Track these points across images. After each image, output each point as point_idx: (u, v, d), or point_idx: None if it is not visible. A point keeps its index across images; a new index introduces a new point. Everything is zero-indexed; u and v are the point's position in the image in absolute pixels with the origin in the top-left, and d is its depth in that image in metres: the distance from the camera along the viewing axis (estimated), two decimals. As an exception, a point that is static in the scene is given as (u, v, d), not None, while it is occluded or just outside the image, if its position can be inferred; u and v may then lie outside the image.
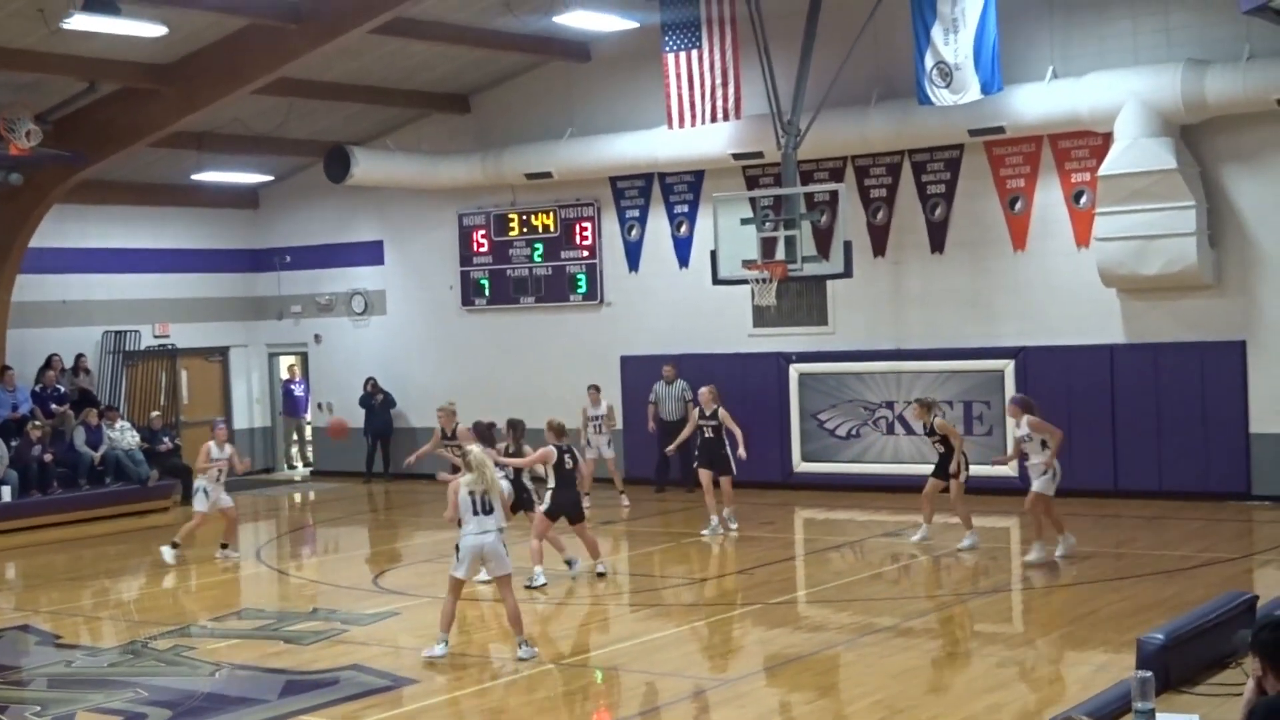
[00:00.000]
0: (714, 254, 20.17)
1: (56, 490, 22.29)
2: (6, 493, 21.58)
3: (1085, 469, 19.84)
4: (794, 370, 22.19)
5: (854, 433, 21.75)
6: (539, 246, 24.66)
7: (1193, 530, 17.46)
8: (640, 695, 11.26)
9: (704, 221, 22.37)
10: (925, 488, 17.09)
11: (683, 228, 23.36)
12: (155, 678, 12.07)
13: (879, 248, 21.65)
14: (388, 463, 25.77)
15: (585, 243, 24.23)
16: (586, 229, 24.22)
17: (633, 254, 23.90)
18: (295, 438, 29.08)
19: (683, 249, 23.35)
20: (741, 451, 18.22)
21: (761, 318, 22.19)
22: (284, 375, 28.78)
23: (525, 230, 24.78)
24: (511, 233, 24.91)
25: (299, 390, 28.29)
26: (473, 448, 12.23)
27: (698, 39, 20.38)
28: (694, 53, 20.43)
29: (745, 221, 19.68)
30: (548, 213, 24.52)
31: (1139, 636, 10.08)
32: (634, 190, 23.82)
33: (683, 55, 20.51)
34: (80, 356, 24.95)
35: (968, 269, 21.07)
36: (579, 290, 24.34)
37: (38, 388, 23.79)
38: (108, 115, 21.35)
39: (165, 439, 24.34)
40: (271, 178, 27.17)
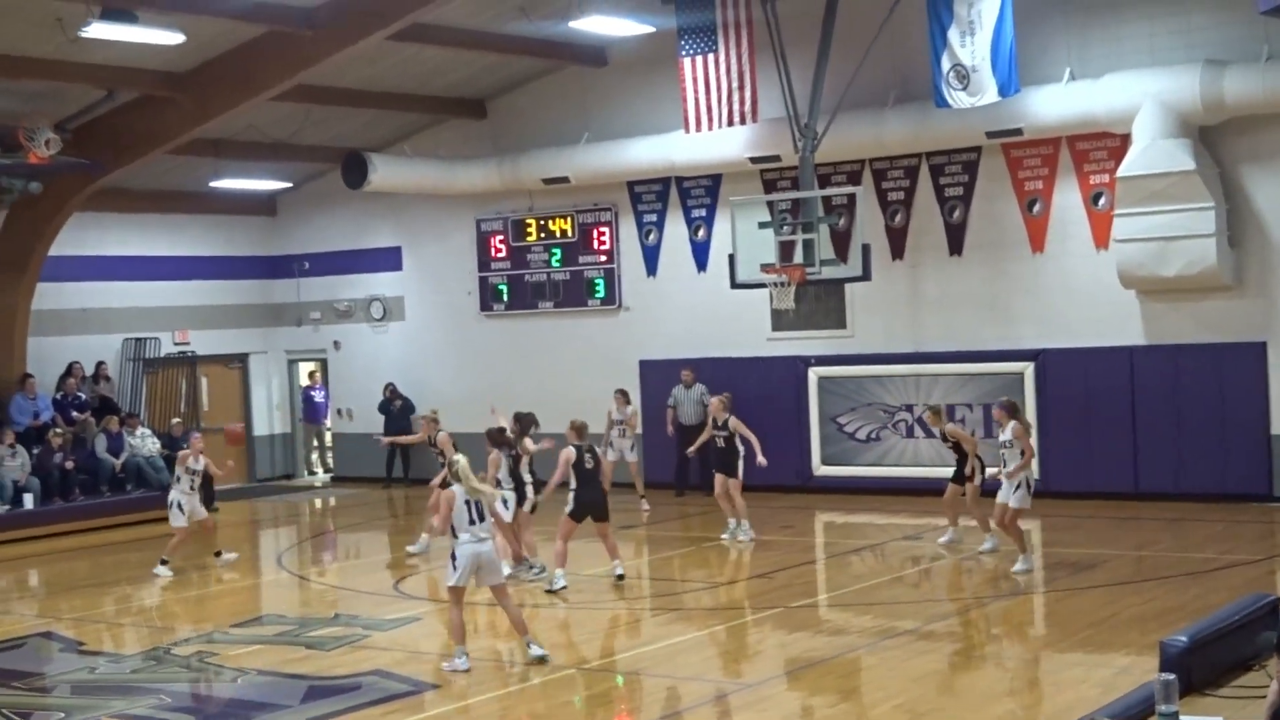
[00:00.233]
0: (732, 258, 20.18)
1: (78, 497, 22.38)
2: (29, 500, 21.66)
3: (1105, 471, 19.84)
4: (813, 373, 22.17)
5: (873, 436, 21.72)
6: (557, 251, 24.68)
7: (1214, 532, 17.40)
8: (661, 700, 11.27)
9: (721, 225, 22.38)
10: (945, 494, 17.14)
11: (700, 232, 23.36)
12: (178, 684, 12.14)
13: (897, 250, 21.63)
14: (408, 468, 25.82)
15: (603, 247, 24.24)
16: (604, 234, 24.23)
17: (650, 258, 23.91)
18: (315, 444, 29.12)
19: (700, 253, 23.35)
20: (760, 459, 17.92)
21: (780, 321, 22.17)
22: (304, 381, 28.82)
23: (543, 235, 24.80)
24: (529, 238, 24.93)
25: (319, 396, 28.31)
26: (458, 457, 12.16)
27: (714, 43, 20.37)
28: (710, 57, 20.43)
29: (763, 225, 19.69)
30: (565, 218, 24.54)
31: (1161, 639, 10.06)
32: (651, 194, 23.82)
33: (699, 59, 20.51)
34: (101, 364, 25.03)
35: (986, 271, 21.04)
36: (597, 295, 24.35)
37: (59, 395, 23.90)
38: (126, 123, 21.41)
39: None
40: (289, 184, 27.23)
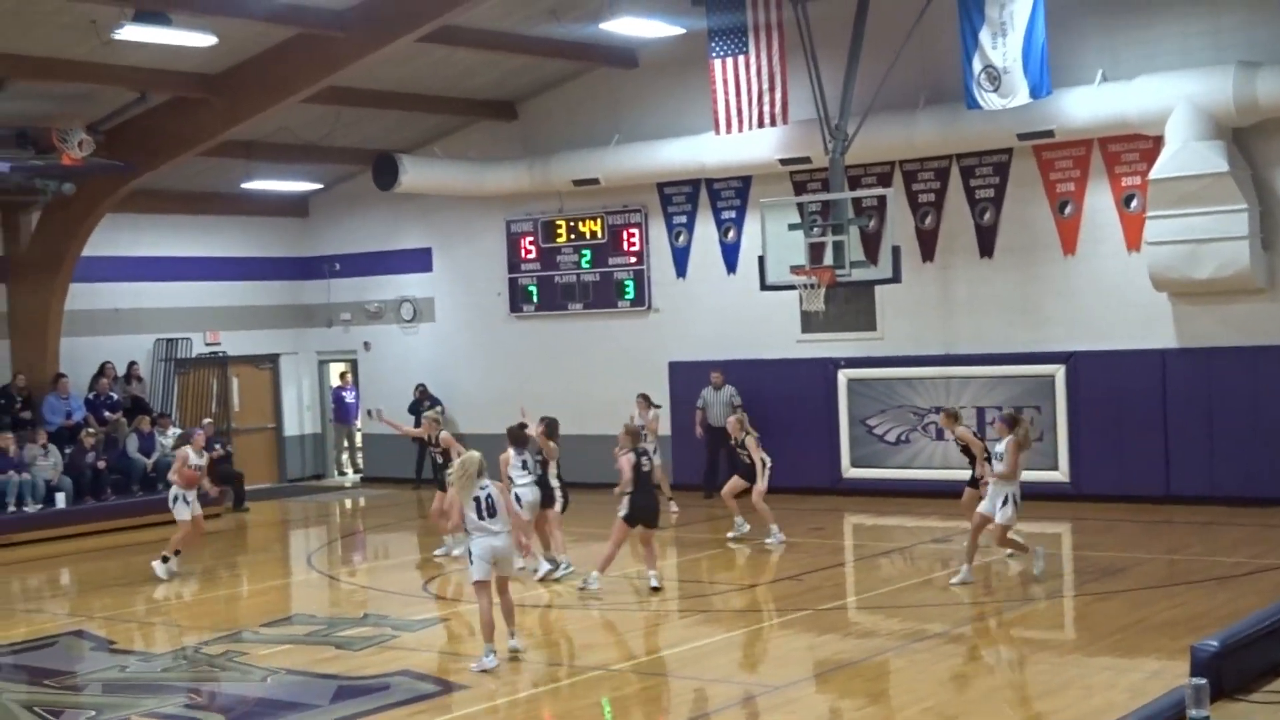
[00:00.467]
0: (762, 259, 20.17)
1: (110, 497, 22.50)
2: (61, 499, 21.79)
3: (1136, 474, 19.75)
4: (842, 376, 22.13)
5: (903, 438, 21.66)
6: (586, 253, 24.70)
7: (1245, 536, 17.30)
8: (689, 701, 11.26)
9: (751, 227, 22.34)
10: (963, 497, 16.85)
11: (730, 233, 23.35)
12: (208, 683, 12.19)
13: (927, 253, 21.58)
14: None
15: (633, 249, 24.25)
16: (634, 235, 24.24)
17: (680, 260, 23.90)
18: (345, 444, 29.20)
19: (730, 255, 23.33)
20: (761, 484, 17.93)
21: (809, 323, 22.14)
22: (335, 382, 28.90)
23: (573, 237, 24.82)
24: (559, 239, 24.95)
25: (350, 397, 28.39)
26: (472, 453, 12.29)
27: (745, 45, 20.36)
28: (741, 58, 20.41)
29: (793, 227, 19.67)
30: (595, 219, 24.56)
31: (1192, 643, 10.01)
32: (681, 196, 23.82)
33: (729, 61, 20.49)
34: (133, 364, 25.16)
35: (1017, 274, 20.96)
36: (627, 296, 24.36)
37: (91, 395, 24.05)
38: (158, 125, 21.50)
39: (216, 446, 24.46)
40: (320, 186, 27.32)
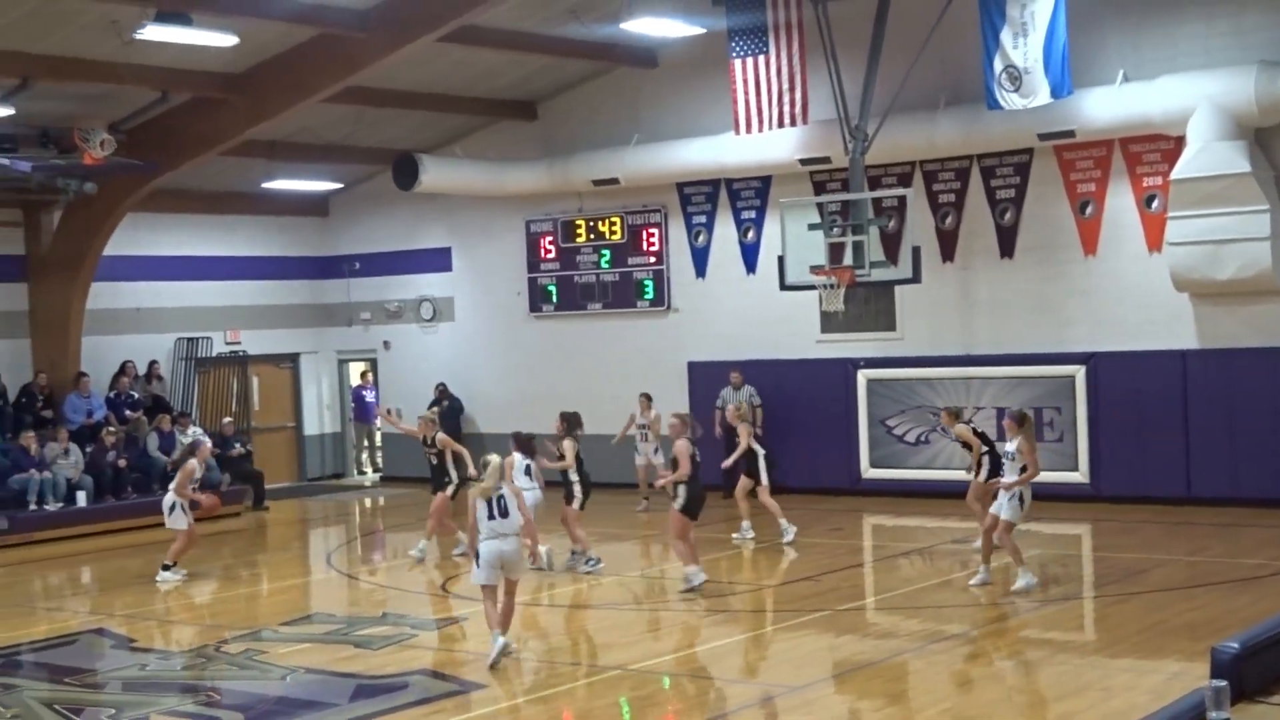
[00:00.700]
0: (781, 259, 20.16)
1: (130, 495, 22.55)
2: (81, 498, 21.87)
3: (1157, 475, 19.69)
4: (862, 376, 22.10)
5: (923, 439, 21.62)
6: (606, 253, 24.70)
7: (1267, 538, 17.23)
8: (708, 701, 11.26)
9: (771, 227, 22.33)
10: (968, 494, 16.84)
11: (750, 233, 23.33)
12: (227, 681, 12.23)
13: (947, 253, 21.53)
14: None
15: (652, 249, 24.25)
16: (653, 235, 24.23)
17: (700, 260, 23.89)
18: (365, 443, 29.24)
19: (750, 255, 23.32)
20: (763, 479, 18.00)
21: (829, 323, 22.11)
22: (356, 381, 28.94)
23: (592, 236, 24.83)
24: (579, 239, 24.96)
25: (370, 396, 28.42)
26: (492, 457, 12.41)
27: (765, 44, 20.35)
28: (761, 58, 20.40)
29: (813, 227, 19.65)
30: (615, 219, 24.56)
31: (1213, 645, 9.98)
32: (701, 196, 23.81)
33: (749, 61, 20.48)
34: (153, 363, 25.23)
35: (1037, 274, 20.91)
36: (646, 296, 24.36)
37: (112, 394, 24.13)
38: (180, 125, 21.57)
39: (237, 445, 24.56)
40: (341, 185, 27.37)
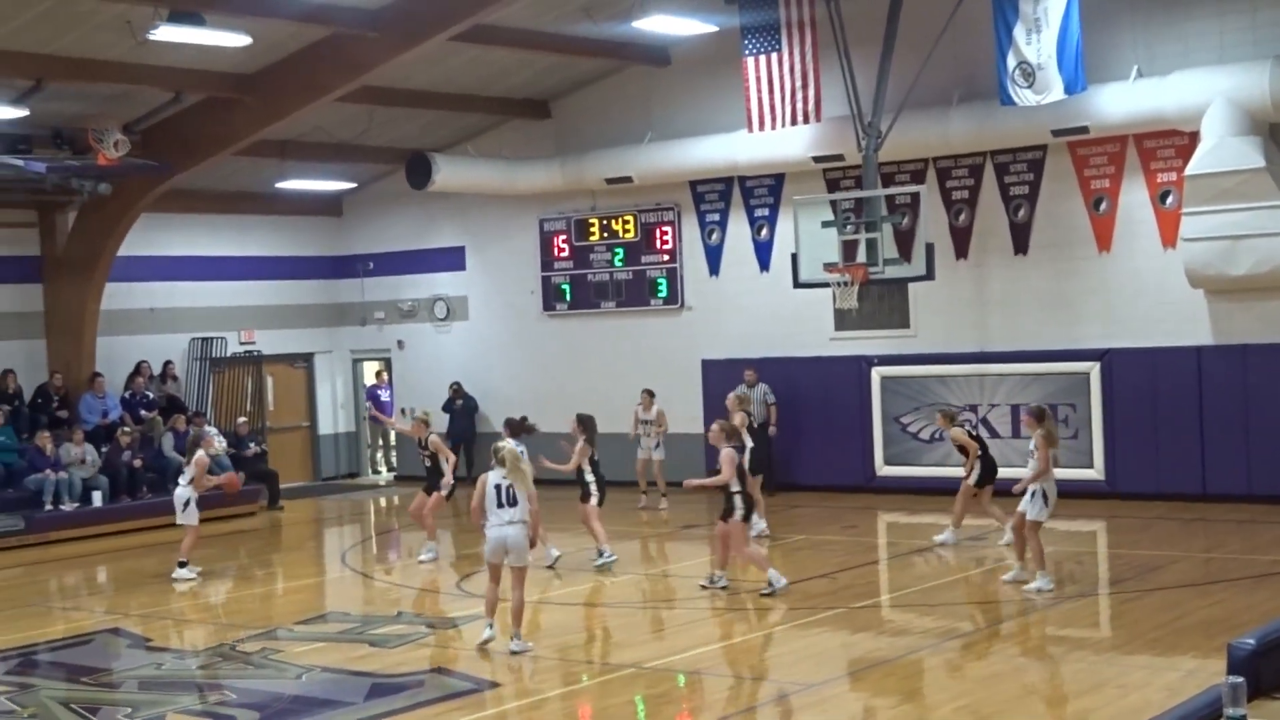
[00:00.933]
0: (795, 257, 20.15)
1: (145, 495, 22.57)
2: (97, 498, 21.92)
3: (1172, 472, 19.66)
4: (875, 373, 22.08)
5: (937, 436, 21.55)
6: (619, 251, 24.70)
7: (1283, 534, 17.21)
8: (723, 699, 11.25)
9: (784, 225, 22.30)
10: (959, 493, 17.15)
11: (763, 231, 23.32)
12: (243, 680, 12.23)
13: (961, 250, 21.51)
14: (471, 467, 25.90)
15: (665, 247, 24.25)
16: (667, 233, 24.23)
17: (713, 258, 23.89)
18: (380, 443, 29.26)
19: (763, 252, 23.30)
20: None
21: (843, 321, 22.10)
22: (371, 380, 28.96)
23: (605, 235, 24.84)
24: (592, 237, 24.97)
25: (385, 395, 28.44)
26: (505, 443, 12.75)
27: (777, 42, 20.33)
28: (774, 56, 20.38)
29: (826, 224, 19.64)
30: (628, 217, 24.56)
31: (1229, 642, 9.92)
32: (714, 194, 23.80)
33: (762, 58, 20.47)
34: (168, 363, 25.29)
35: (1051, 270, 20.88)
36: (659, 294, 24.36)
37: (127, 394, 24.19)
38: (193, 125, 21.60)
39: (251, 444, 24.61)
40: (354, 185, 27.40)
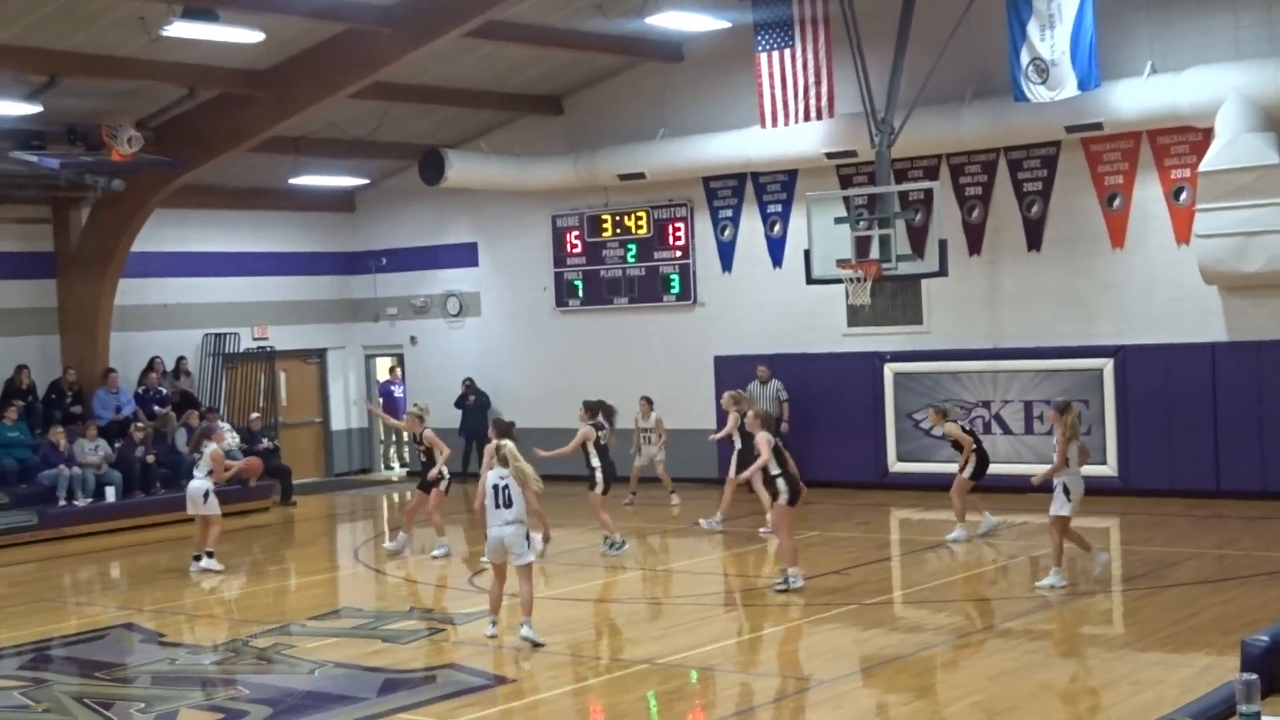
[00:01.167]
0: (808, 253, 20.13)
1: (159, 491, 22.63)
2: (110, 493, 21.96)
3: (1186, 469, 19.61)
4: (889, 370, 22.05)
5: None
6: (632, 247, 24.70)
7: (1298, 531, 17.16)
8: (735, 695, 11.25)
9: (797, 221, 22.30)
10: (952, 487, 17.56)
11: (776, 227, 23.30)
12: (256, 675, 12.25)
13: (974, 246, 21.47)
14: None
15: (678, 243, 24.23)
16: (679, 229, 24.22)
17: (726, 254, 23.87)
18: (392, 438, 29.27)
19: (776, 249, 23.28)
20: (731, 470, 18.90)
21: (856, 317, 22.08)
22: (384, 376, 28.98)
23: (618, 231, 24.83)
24: (604, 234, 24.97)
25: (399, 391, 28.44)
26: (505, 442, 12.87)
27: (790, 38, 20.31)
28: (787, 52, 20.37)
29: (839, 221, 19.63)
30: (640, 213, 24.55)
31: (1243, 639, 9.91)
32: (727, 190, 23.79)
33: (775, 54, 20.45)
34: (181, 359, 25.34)
35: (1065, 267, 20.84)
36: (672, 291, 24.35)
37: (140, 390, 24.23)
38: (207, 121, 21.63)
39: (264, 440, 24.64)
40: (367, 181, 27.41)
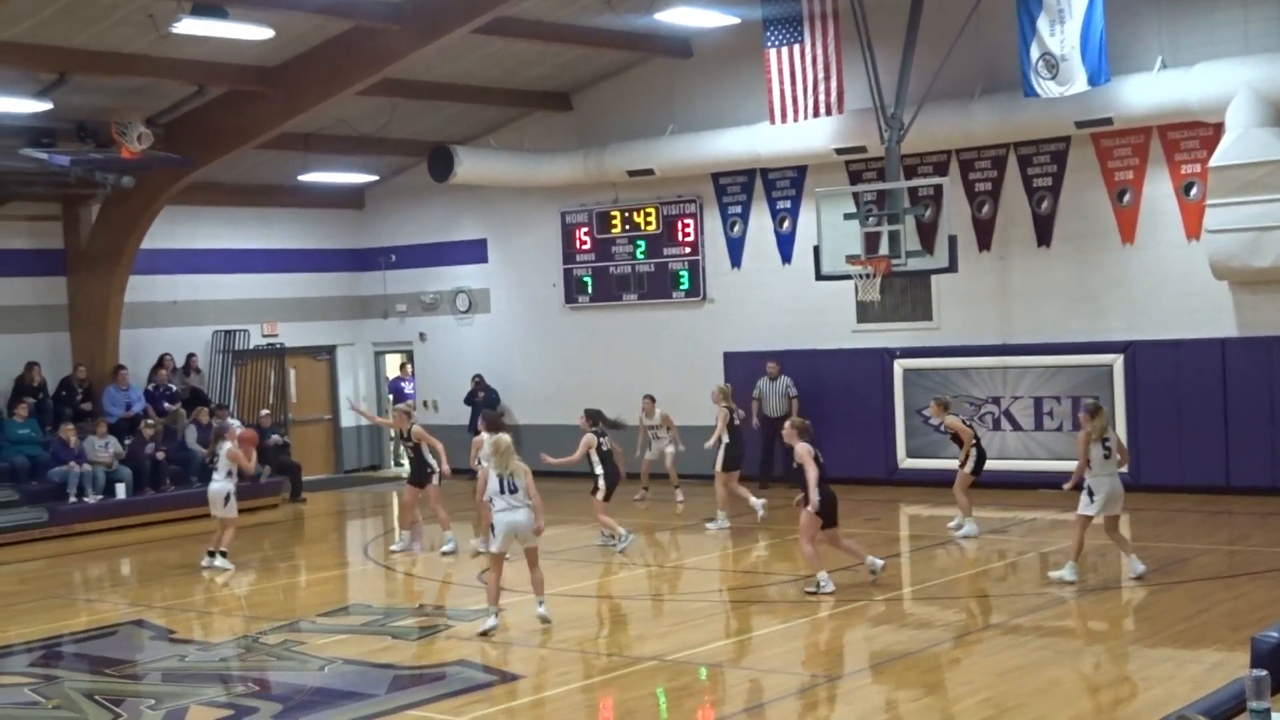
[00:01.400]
0: (817, 249, 20.11)
1: (169, 488, 22.69)
2: (121, 490, 22.01)
3: (1196, 465, 19.58)
4: (898, 366, 22.04)
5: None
6: (641, 244, 24.69)
7: (1308, 527, 17.13)
8: (745, 692, 11.25)
9: (807, 217, 22.29)
10: (955, 482, 17.68)
11: (785, 223, 23.28)
12: (266, 672, 12.27)
13: (984, 242, 21.44)
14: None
15: (687, 239, 24.22)
16: (689, 225, 24.20)
17: (735, 250, 23.85)
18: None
19: (785, 245, 23.26)
20: (717, 465, 19.03)
21: (865, 313, 22.06)
22: (394, 373, 28.97)
23: (627, 227, 24.82)
24: (614, 230, 24.96)
25: (409, 388, 28.45)
26: (502, 435, 13.40)
27: (800, 34, 20.30)
28: (796, 47, 20.36)
29: (848, 216, 19.60)
30: (650, 209, 24.54)
31: (1253, 635, 9.89)
32: (736, 186, 23.77)
33: (785, 50, 20.44)
34: (191, 356, 25.37)
35: (1075, 262, 20.81)
36: (681, 287, 24.34)
37: (150, 387, 24.28)
38: (216, 118, 21.65)
39: (274, 436, 24.66)
40: (376, 178, 27.43)
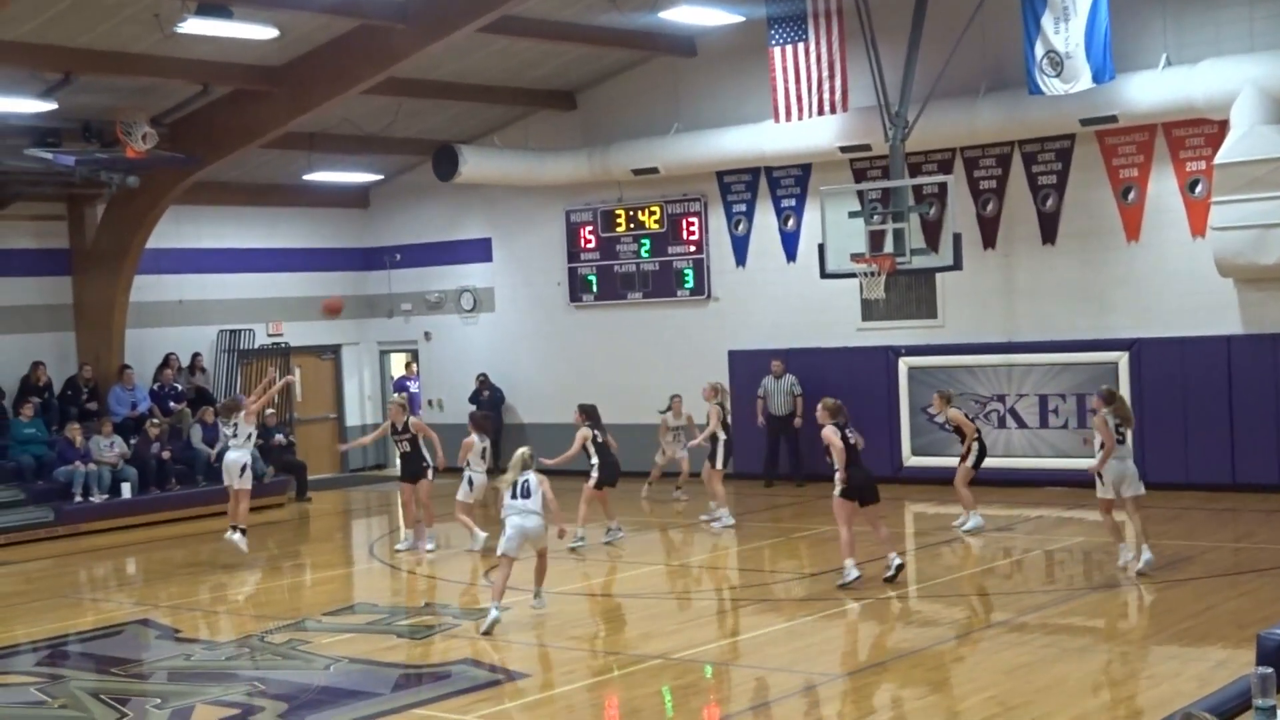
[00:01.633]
0: (822, 247, 20.10)
1: (174, 487, 22.70)
2: (126, 489, 22.02)
3: (1202, 462, 19.56)
4: (903, 364, 22.03)
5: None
6: (646, 242, 24.69)
7: (1314, 524, 17.12)
8: (750, 690, 11.25)
9: (811, 215, 22.29)
10: (956, 476, 17.82)
11: (790, 221, 23.28)
12: (271, 671, 12.27)
13: (989, 240, 21.44)
14: (497, 458, 25.87)
15: (692, 238, 24.22)
16: (693, 224, 24.21)
17: (740, 248, 23.85)
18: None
19: (790, 243, 23.26)
20: (716, 462, 19.19)
21: (870, 311, 22.05)
22: (401, 372, 28.98)
23: (632, 226, 24.82)
24: (618, 229, 24.96)
25: (414, 386, 28.45)
26: (523, 449, 13.29)
27: (804, 32, 20.30)
28: (800, 46, 20.36)
29: (853, 214, 19.60)
30: (654, 208, 24.54)
31: (1259, 632, 9.89)
32: (741, 185, 23.77)
33: (789, 48, 20.44)
34: (196, 355, 25.39)
35: (1080, 260, 20.80)
36: (686, 285, 24.34)
37: (156, 386, 24.28)
38: (221, 117, 21.65)
39: (279, 436, 24.68)
40: (381, 177, 27.44)
